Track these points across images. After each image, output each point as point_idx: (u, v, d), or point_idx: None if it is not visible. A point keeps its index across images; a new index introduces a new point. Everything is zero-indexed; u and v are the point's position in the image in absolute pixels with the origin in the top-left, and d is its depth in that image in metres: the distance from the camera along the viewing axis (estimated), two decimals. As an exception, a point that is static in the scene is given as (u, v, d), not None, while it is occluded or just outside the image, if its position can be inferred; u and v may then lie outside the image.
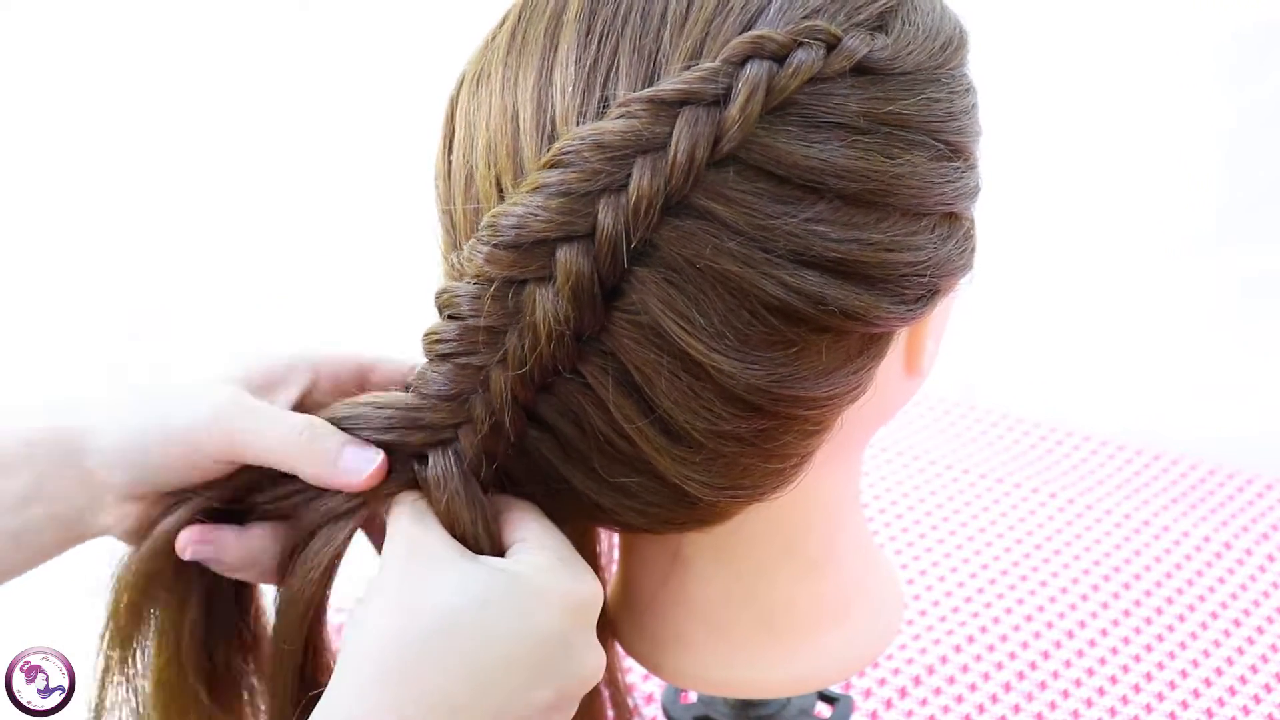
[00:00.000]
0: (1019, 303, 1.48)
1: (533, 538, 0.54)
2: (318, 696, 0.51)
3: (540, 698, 0.52)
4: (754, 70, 0.48)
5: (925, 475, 1.13)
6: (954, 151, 0.53)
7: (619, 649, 0.68)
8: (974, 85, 0.56)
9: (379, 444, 0.54)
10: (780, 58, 0.49)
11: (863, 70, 0.50)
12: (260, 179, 1.80)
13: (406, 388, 0.54)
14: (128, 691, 0.57)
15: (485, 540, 0.54)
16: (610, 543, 0.68)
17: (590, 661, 0.54)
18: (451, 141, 0.55)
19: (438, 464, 0.53)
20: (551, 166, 0.49)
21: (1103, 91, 1.64)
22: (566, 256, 0.49)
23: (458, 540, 0.53)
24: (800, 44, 0.49)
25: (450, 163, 0.55)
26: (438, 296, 0.53)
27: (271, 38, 1.91)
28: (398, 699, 0.49)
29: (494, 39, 0.56)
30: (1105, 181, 1.62)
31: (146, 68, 1.87)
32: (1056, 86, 1.64)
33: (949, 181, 0.53)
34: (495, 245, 0.50)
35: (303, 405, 0.59)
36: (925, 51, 0.52)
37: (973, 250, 0.56)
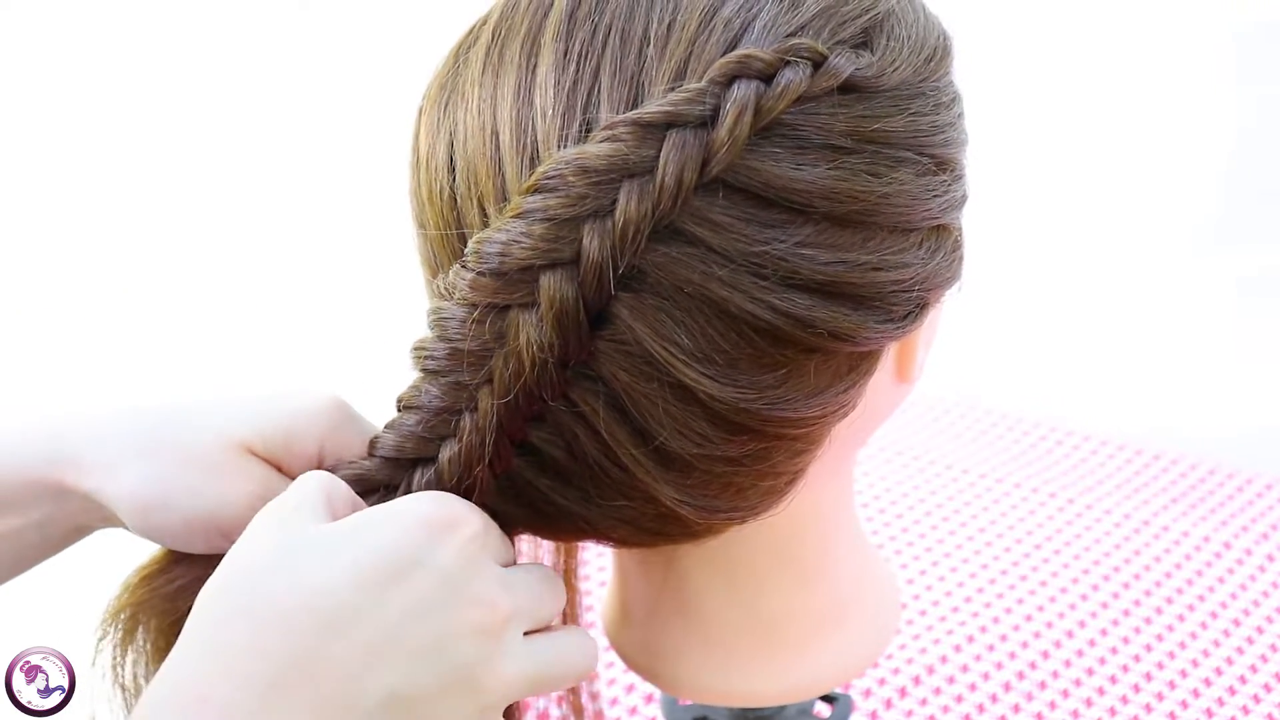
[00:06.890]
0: (1020, 303, 1.48)
1: None
2: None
3: (391, 682, 0.46)
4: (741, 90, 0.47)
5: (925, 475, 1.13)
6: (939, 165, 0.52)
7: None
8: (959, 93, 0.55)
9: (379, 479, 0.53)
10: (767, 77, 0.48)
11: (848, 89, 0.49)
12: (259, 178, 1.80)
13: (398, 405, 0.53)
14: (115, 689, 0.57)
15: None
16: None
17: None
18: (423, 159, 0.54)
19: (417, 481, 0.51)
20: (535, 191, 0.48)
21: (1104, 92, 1.64)
22: (550, 283, 0.48)
23: None
24: (787, 63, 0.48)
25: (425, 182, 0.53)
26: (428, 315, 0.52)
27: (271, 38, 1.91)
28: (208, 653, 0.46)
29: (464, 55, 0.54)
30: (1106, 182, 1.62)
31: (146, 67, 1.87)
32: (1058, 87, 1.65)
33: (935, 196, 0.52)
34: (479, 272, 0.49)
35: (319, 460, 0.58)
36: (910, 66, 0.52)
37: (961, 260, 0.56)
